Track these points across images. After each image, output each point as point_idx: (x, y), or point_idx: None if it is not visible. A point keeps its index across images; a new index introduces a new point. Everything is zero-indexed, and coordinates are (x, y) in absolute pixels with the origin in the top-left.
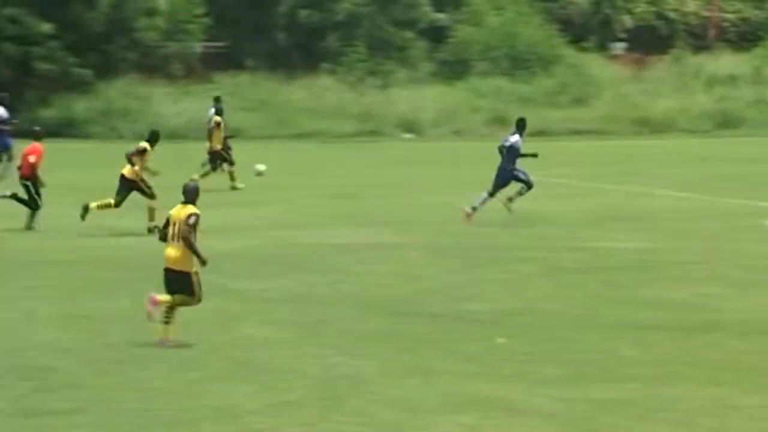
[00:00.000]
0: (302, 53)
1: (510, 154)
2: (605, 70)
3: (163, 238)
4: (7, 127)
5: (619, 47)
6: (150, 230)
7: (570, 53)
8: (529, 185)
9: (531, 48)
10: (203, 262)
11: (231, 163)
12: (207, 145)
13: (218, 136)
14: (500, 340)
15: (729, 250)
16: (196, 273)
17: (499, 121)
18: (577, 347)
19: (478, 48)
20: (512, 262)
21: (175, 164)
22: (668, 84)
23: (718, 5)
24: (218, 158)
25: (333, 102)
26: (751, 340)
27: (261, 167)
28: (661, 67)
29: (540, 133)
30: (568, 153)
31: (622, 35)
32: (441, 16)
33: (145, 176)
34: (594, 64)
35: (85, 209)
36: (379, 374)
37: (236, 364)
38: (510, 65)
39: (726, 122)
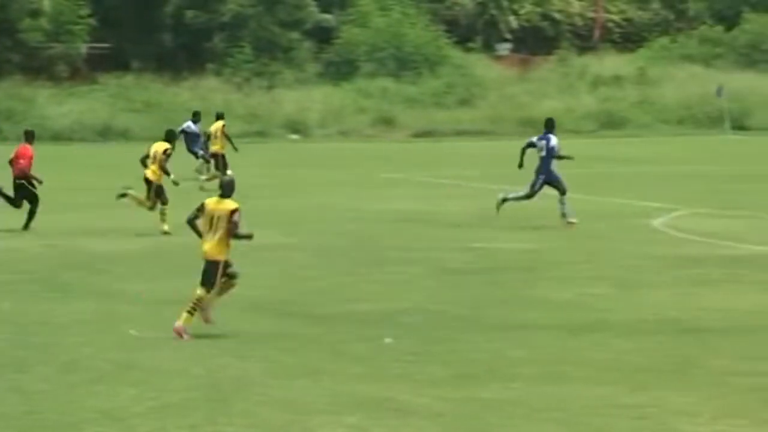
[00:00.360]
0: (188, 54)
1: (550, 155)
2: (491, 70)
3: (192, 221)
4: None
5: (504, 48)
6: (120, 196)
7: (456, 54)
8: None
9: (417, 49)
10: (250, 237)
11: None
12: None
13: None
14: (387, 340)
15: (614, 250)
16: (226, 262)
17: (385, 121)
18: (463, 347)
19: (365, 49)
20: (399, 262)
21: (59, 166)
22: (553, 84)
23: (603, 6)
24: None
25: (219, 103)
26: (636, 339)
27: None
28: (546, 67)
29: (426, 134)
30: (454, 153)
31: (508, 36)
32: (327, 16)
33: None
34: (480, 65)
35: (123, 194)
36: (265, 375)
37: (120, 366)
38: (396, 66)
39: (611, 123)
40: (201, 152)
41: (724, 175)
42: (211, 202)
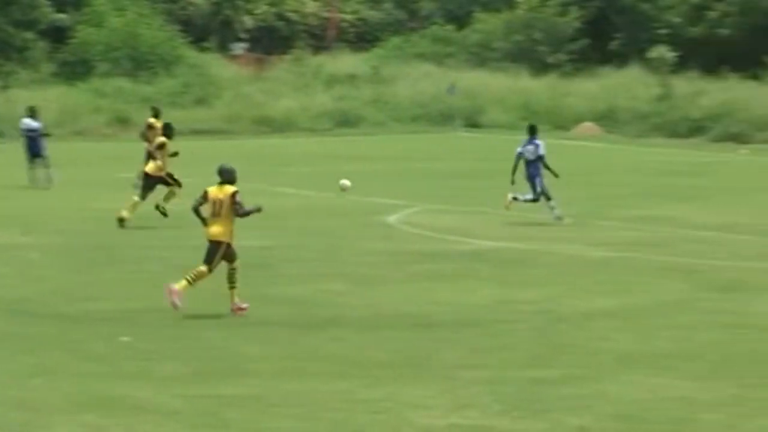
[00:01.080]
0: None
1: (539, 160)
2: (226, 70)
3: (196, 209)
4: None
5: (239, 48)
6: (157, 207)
7: (191, 54)
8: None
9: (153, 49)
10: (259, 210)
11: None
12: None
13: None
14: (124, 338)
15: (350, 246)
16: (229, 245)
17: (121, 121)
18: (200, 345)
19: (100, 49)
20: (136, 261)
21: None
22: (289, 84)
23: (337, 6)
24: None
25: None
26: (372, 334)
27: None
28: (281, 67)
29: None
30: (190, 152)
31: (243, 36)
32: (62, 16)
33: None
34: (215, 65)
35: (121, 221)
36: (1, 375)
37: None
38: (132, 66)
39: (346, 121)
40: None
41: (456, 171)
42: (213, 190)
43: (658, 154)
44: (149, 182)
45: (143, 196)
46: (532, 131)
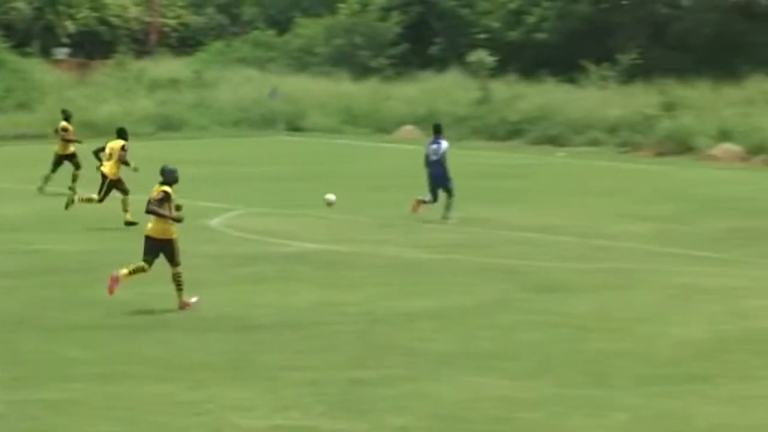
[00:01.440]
0: None
1: (442, 160)
2: (49, 75)
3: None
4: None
5: (62, 52)
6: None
7: (13, 58)
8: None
9: None
10: (179, 220)
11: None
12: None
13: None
14: None
15: None
16: (170, 242)
17: None
18: (20, 349)
19: None
20: None
21: None
22: (111, 88)
23: (159, 11)
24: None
25: None
26: (195, 337)
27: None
28: (104, 71)
29: None
30: (12, 157)
31: (66, 40)
32: None
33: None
34: (37, 69)
35: (71, 201)
36: None
37: None
38: None
39: (168, 125)
40: None
41: (278, 175)
42: (154, 189)
43: (478, 156)
44: (108, 184)
45: (101, 199)
46: (437, 130)
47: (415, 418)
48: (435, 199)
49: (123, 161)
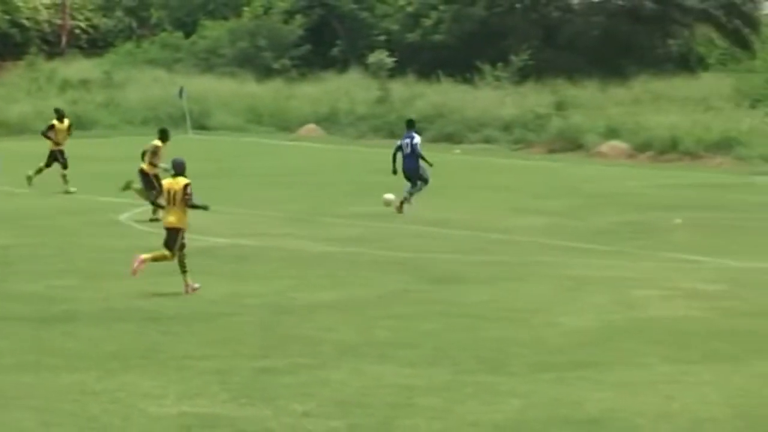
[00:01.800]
0: None
1: (414, 153)
2: None
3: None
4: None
5: None
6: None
7: None
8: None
9: None
10: (206, 208)
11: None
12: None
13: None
14: None
15: (83, 244)
16: (184, 231)
17: None
18: None
19: None
20: None
21: None
22: (23, 89)
23: (70, 14)
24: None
25: None
26: (105, 328)
27: (389, 197)
28: (15, 72)
29: None
30: None
31: None
32: None
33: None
34: None
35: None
36: None
37: None
38: None
39: (79, 124)
40: None
41: (187, 172)
42: (167, 182)
43: (378, 154)
44: (146, 179)
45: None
46: (410, 125)
47: (318, 404)
48: (414, 185)
49: (151, 162)
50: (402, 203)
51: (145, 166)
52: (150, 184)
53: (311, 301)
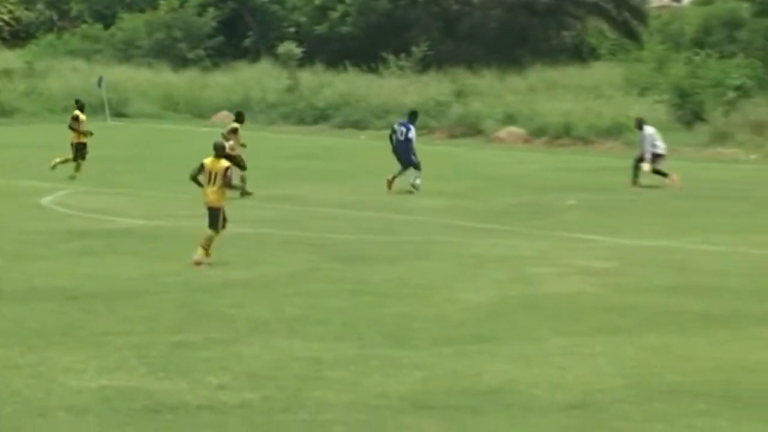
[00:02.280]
0: None
1: (407, 140)
2: None
3: (194, 178)
4: None
5: None
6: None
7: None
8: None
9: None
10: (238, 189)
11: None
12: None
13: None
14: None
15: (6, 226)
16: (223, 208)
17: None
18: None
19: None
20: None
21: None
22: None
23: None
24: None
25: None
26: (28, 306)
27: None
28: None
29: None
30: None
31: None
32: None
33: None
34: None
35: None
36: None
37: None
38: None
39: (2, 112)
40: None
41: (105, 157)
42: (209, 161)
43: (288, 140)
44: (232, 161)
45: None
46: (412, 116)
47: (232, 377)
48: (404, 168)
49: (226, 139)
50: (392, 180)
51: (227, 148)
52: (238, 166)
53: (224, 279)
